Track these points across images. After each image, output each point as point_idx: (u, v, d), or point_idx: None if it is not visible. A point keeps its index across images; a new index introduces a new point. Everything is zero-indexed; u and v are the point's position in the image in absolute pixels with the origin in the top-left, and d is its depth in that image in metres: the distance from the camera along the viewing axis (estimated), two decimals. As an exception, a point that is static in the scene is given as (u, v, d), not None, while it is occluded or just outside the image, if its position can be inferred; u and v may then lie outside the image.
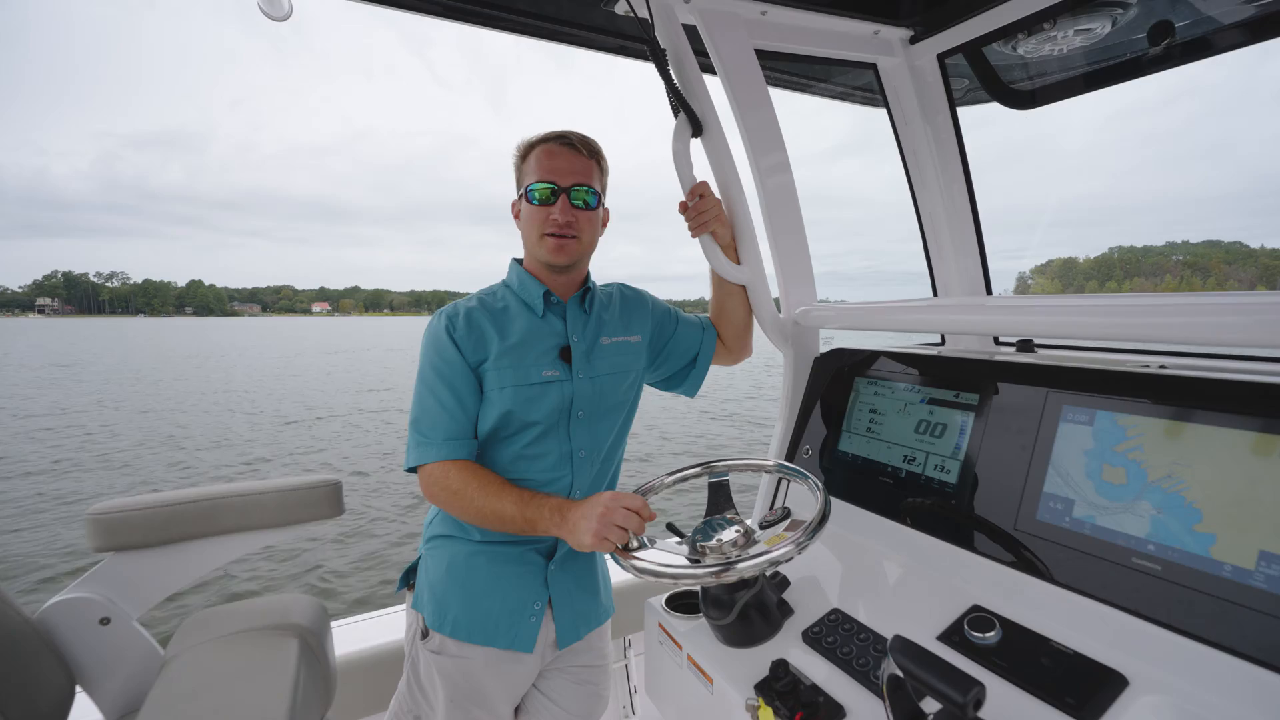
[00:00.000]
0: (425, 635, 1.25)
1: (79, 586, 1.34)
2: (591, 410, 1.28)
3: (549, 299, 1.29)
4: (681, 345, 1.47)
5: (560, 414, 1.25)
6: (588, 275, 1.37)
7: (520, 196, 1.28)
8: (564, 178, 1.23)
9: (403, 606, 1.76)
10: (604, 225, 1.34)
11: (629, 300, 1.43)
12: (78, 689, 1.30)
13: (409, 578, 1.34)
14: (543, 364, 1.24)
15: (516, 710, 1.34)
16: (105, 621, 1.33)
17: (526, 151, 1.28)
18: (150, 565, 1.40)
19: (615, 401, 1.33)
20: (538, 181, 1.23)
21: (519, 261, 1.36)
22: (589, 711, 1.39)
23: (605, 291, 1.41)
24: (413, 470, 1.23)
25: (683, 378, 1.50)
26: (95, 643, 1.32)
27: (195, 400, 17.37)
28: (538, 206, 1.24)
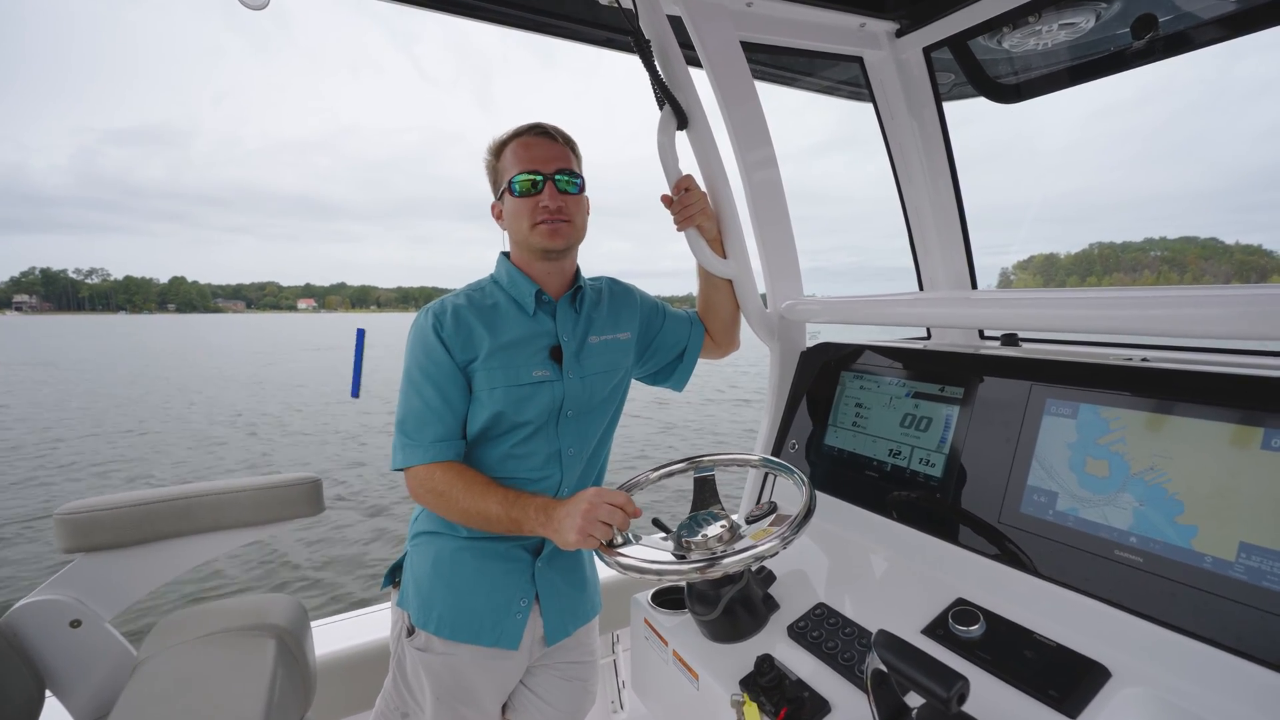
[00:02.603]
0: (411, 633, 1.23)
1: (48, 588, 1.31)
2: (580, 408, 1.27)
3: (540, 298, 1.27)
4: (669, 340, 1.46)
5: (550, 413, 1.24)
6: (578, 272, 1.35)
7: (502, 193, 1.25)
8: (546, 165, 1.21)
9: (384, 605, 1.73)
10: (587, 213, 1.33)
11: (618, 296, 1.41)
12: (47, 693, 1.27)
13: (394, 575, 1.33)
14: (533, 364, 1.22)
15: (504, 707, 1.33)
16: (76, 624, 1.30)
17: (500, 149, 1.26)
18: (122, 566, 1.36)
19: (604, 398, 1.31)
20: (520, 173, 1.21)
21: (507, 255, 1.33)
22: (577, 708, 1.38)
23: (594, 288, 1.39)
24: (399, 469, 1.21)
25: (670, 372, 1.49)
26: (65, 645, 1.29)
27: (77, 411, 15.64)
28: (523, 198, 1.22)
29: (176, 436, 12.23)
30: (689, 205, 1.39)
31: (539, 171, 1.20)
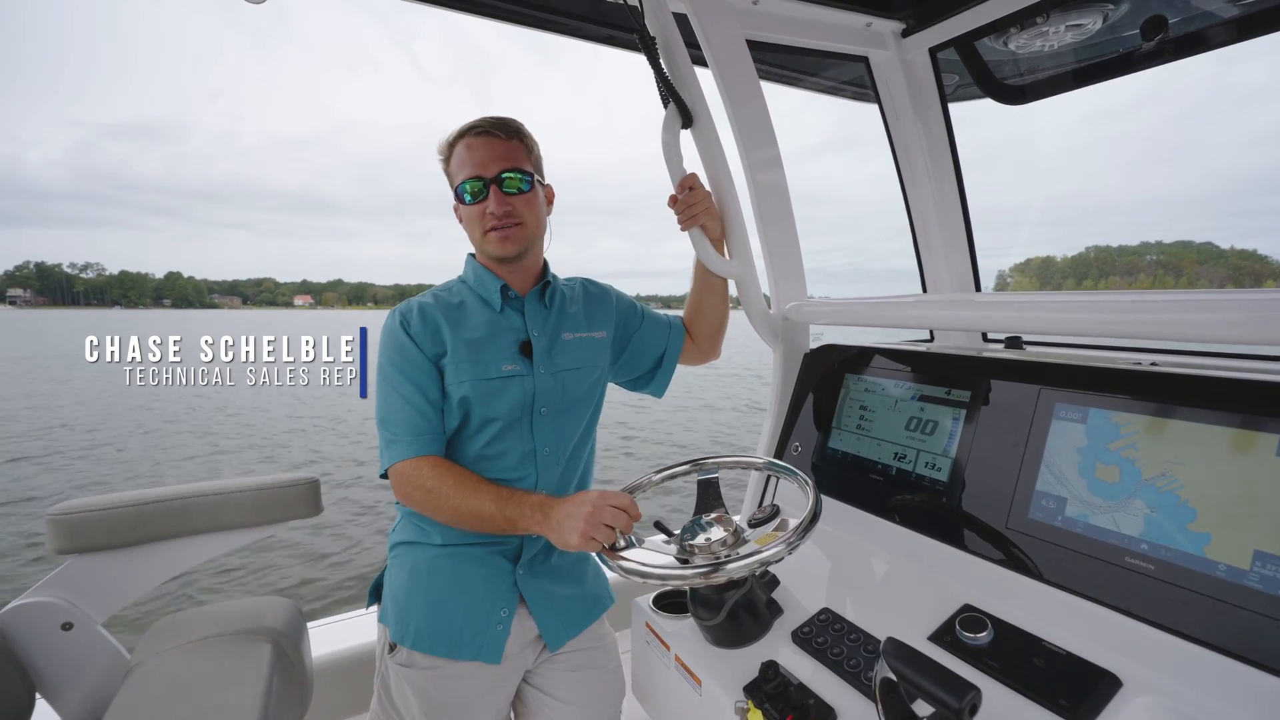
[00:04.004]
0: (393, 649, 1.18)
1: (39, 590, 1.29)
2: (554, 406, 1.24)
3: (506, 293, 1.25)
4: (647, 344, 1.43)
5: (522, 410, 1.21)
6: (546, 268, 1.32)
7: (456, 199, 1.24)
8: (488, 168, 1.18)
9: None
10: (550, 203, 1.30)
11: (592, 296, 1.39)
12: (38, 697, 1.25)
13: (377, 590, 1.28)
14: (502, 359, 1.20)
15: (516, 715, 1.28)
16: (68, 627, 1.27)
17: (448, 152, 1.23)
18: (116, 567, 1.34)
19: (579, 397, 1.28)
20: (464, 179, 1.19)
21: (474, 256, 1.31)
22: (599, 696, 1.29)
23: (568, 286, 1.37)
24: (387, 475, 1.17)
25: (649, 378, 1.46)
26: (57, 649, 1.26)
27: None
28: (472, 205, 1.20)
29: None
30: (693, 205, 1.37)
31: (481, 176, 1.18)
